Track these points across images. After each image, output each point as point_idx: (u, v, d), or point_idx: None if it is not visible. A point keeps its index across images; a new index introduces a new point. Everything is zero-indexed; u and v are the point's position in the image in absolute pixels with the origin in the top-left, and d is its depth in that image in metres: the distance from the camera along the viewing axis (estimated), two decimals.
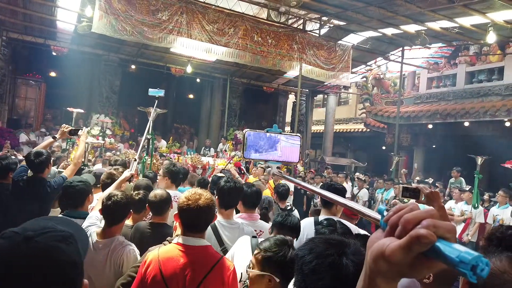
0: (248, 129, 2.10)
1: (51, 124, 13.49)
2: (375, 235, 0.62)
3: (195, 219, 2.00)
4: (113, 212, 2.52)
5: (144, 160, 6.86)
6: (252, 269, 1.83)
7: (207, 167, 10.31)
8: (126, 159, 6.12)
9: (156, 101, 4.20)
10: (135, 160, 3.42)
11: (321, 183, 9.70)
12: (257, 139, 2.26)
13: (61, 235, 0.86)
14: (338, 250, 1.00)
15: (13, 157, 4.96)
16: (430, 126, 13.06)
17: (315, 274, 0.99)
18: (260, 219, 3.39)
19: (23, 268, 0.79)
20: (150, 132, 5.99)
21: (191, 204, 1.96)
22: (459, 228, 7.41)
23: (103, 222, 2.62)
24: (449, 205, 7.94)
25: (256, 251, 1.88)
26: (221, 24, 9.69)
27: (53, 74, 14.41)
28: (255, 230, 3.20)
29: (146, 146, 7.31)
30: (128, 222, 3.08)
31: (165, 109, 9.62)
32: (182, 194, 2.04)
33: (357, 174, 11.23)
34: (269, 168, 1.92)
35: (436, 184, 9.45)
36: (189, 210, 1.95)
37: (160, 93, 4.23)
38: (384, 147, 15.85)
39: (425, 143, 14.30)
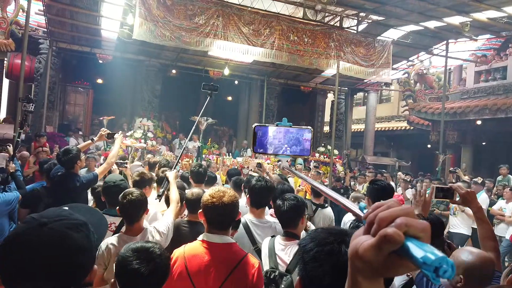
0: (257, 124, 2.08)
1: (98, 129, 14.15)
2: (358, 232, 0.61)
3: (219, 216, 2.02)
4: (131, 211, 2.59)
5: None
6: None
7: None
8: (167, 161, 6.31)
9: (209, 97, 4.08)
10: (168, 181, 3.20)
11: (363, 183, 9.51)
12: (278, 134, 2.22)
13: (73, 223, 0.94)
14: (338, 238, 1.02)
15: None
16: (479, 122, 12.38)
17: (315, 262, 1.01)
18: None
19: (35, 249, 0.88)
20: (190, 138, 6.14)
21: (215, 201, 1.98)
22: (511, 229, 6.99)
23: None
24: (500, 205, 7.51)
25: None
26: (257, 25, 9.73)
27: (99, 81, 15.16)
28: None
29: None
30: None
31: (213, 118, 9.72)
32: (206, 192, 2.08)
33: (399, 174, 10.85)
34: (280, 162, 1.88)
35: (486, 181, 8.91)
36: (213, 208, 1.98)
37: (214, 88, 4.08)
38: (429, 145, 15.23)
39: (473, 141, 13.58)
